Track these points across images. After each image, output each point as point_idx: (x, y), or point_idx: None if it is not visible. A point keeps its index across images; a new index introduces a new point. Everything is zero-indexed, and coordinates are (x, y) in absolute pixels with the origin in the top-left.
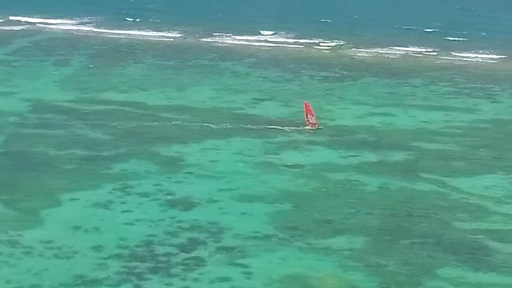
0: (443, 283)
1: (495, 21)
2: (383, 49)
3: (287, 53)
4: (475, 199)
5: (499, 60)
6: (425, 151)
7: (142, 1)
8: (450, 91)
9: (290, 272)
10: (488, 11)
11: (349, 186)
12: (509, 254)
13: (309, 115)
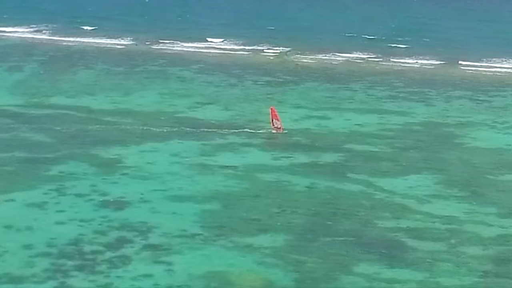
0: (357, 279)
1: (438, 28)
2: (326, 55)
3: (234, 59)
4: (398, 199)
5: (437, 66)
6: (356, 153)
7: (98, 10)
8: (387, 95)
9: (211, 269)
10: (432, 18)
11: (278, 187)
12: (424, 251)
13: (274, 119)
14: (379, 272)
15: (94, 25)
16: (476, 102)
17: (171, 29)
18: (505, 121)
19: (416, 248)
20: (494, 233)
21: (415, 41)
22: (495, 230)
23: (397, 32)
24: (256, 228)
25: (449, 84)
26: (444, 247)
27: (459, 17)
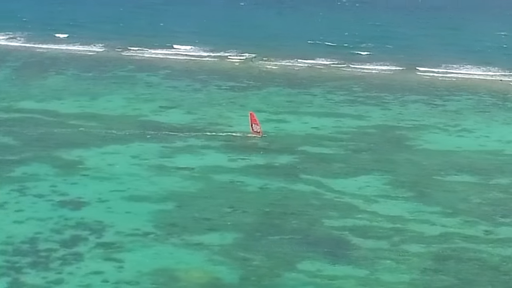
0: (300, 276)
1: (400, 36)
2: (290, 62)
3: (200, 65)
4: (347, 199)
5: (396, 71)
6: (310, 155)
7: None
8: (345, 100)
9: (160, 266)
10: (396, 26)
11: (232, 187)
12: (367, 249)
13: (253, 124)
14: (322, 269)
15: (67, 32)
16: (431, 106)
17: (142, 36)
18: (457, 124)
19: (360, 246)
20: (437, 231)
21: (377, 48)
22: (438, 229)
23: (361, 39)
24: (206, 227)
25: (406, 89)
26: (387, 245)
27: (421, 25)
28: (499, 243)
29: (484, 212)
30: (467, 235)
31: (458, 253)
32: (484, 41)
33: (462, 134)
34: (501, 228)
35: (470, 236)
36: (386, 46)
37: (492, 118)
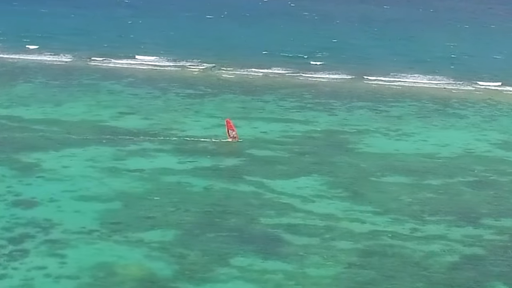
0: (231, 270)
1: (354, 47)
2: (247, 71)
3: (162, 75)
4: (285, 198)
5: (346, 80)
6: (255, 157)
7: (44, 31)
8: (296, 106)
9: (100, 262)
10: (351, 38)
11: (178, 188)
12: (298, 246)
13: (230, 130)
14: (253, 264)
15: (38, 44)
16: (375, 112)
17: (110, 47)
18: (398, 128)
19: (292, 243)
20: (366, 229)
21: (330, 58)
22: (367, 226)
23: (316, 50)
24: (149, 225)
25: (353, 96)
26: (317, 242)
27: (375, 37)
28: (424, 240)
29: (413, 211)
30: (394, 232)
31: (383, 249)
32: (433, 51)
33: (401, 138)
34: (427, 226)
35: (396, 233)
36: (340, 56)
37: (432, 123)
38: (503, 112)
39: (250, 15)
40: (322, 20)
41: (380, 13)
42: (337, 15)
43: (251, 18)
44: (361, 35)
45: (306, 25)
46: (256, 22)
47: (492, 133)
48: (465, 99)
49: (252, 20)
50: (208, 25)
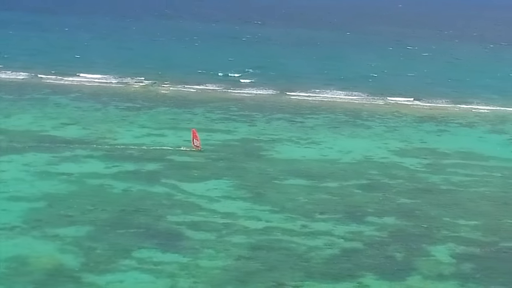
0: (132, 262)
1: (282, 66)
2: (184, 87)
3: (107, 90)
4: (194, 199)
5: (271, 95)
6: (175, 163)
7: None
8: (221, 117)
9: (16, 254)
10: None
11: (100, 189)
12: (196, 240)
13: (195, 139)
14: (152, 257)
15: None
16: (291, 123)
17: (64, 66)
18: (308, 137)
19: (191, 238)
20: (260, 225)
21: (261, 76)
22: (262, 223)
23: (250, 69)
24: (67, 222)
25: (274, 109)
26: (214, 237)
27: (303, 57)
28: (310, 235)
29: (306, 210)
30: (285, 228)
31: (272, 244)
32: (355, 70)
33: (310, 146)
34: (316, 223)
35: (287, 229)
36: (269, 74)
37: (340, 132)
38: (407, 123)
39: (197, 37)
40: (259, 42)
41: (313, 36)
42: (274, 38)
43: (197, 41)
44: (292, 55)
45: (244, 47)
46: (200, 44)
47: (393, 142)
48: (375, 112)
49: (197, 42)
50: (156, 47)
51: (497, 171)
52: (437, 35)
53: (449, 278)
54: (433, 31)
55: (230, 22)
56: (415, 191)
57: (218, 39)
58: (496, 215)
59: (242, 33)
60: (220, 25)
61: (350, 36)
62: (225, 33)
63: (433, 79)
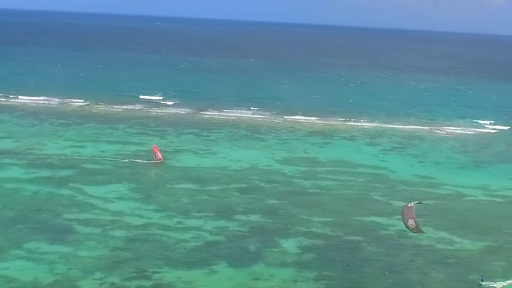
0: (20, 252)
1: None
2: (113, 106)
3: (48, 109)
4: (92, 199)
5: (187, 113)
6: (86, 169)
7: None
8: (138, 132)
9: None
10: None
11: (15, 191)
12: (82, 234)
13: (157, 153)
14: (39, 248)
15: None
16: (197, 136)
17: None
18: (208, 149)
19: (78, 232)
20: (141, 222)
21: (184, 97)
22: (143, 220)
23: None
24: None
25: (186, 125)
26: (98, 231)
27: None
28: (182, 230)
29: (185, 209)
30: (162, 224)
31: (146, 237)
32: (268, 92)
33: (207, 156)
34: (190, 220)
35: (164, 225)
36: (191, 96)
37: (237, 144)
38: (297, 137)
39: (140, 65)
40: (192, 69)
41: (242, 65)
42: (207, 66)
43: (139, 68)
44: (216, 80)
45: (177, 73)
46: (139, 71)
47: (280, 152)
48: (273, 127)
49: (139, 69)
50: (101, 73)
51: (362, 177)
52: (349, 64)
53: (290, 265)
54: (347, 60)
55: (174, 53)
56: (285, 193)
57: (157, 67)
58: (347, 213)
59: (180, 61)
60: (164, 55)
61: (274, 64)
62: (165, 62)
63: (334, 101)
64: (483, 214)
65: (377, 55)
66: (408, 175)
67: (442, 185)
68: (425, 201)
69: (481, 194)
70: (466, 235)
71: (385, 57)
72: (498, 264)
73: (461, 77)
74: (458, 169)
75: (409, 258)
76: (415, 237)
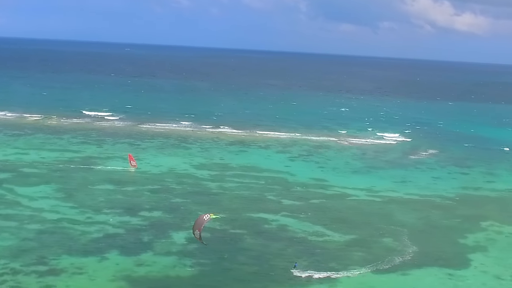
0: None
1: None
2: (63, 119)
3: (7, 122)
4: (19, 198)
5: (128, 125)
6: (22, 173)
7: None
8: (80, 141)
9: None
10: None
11: None
12: (1, 227)
13: (131, 161)
14: None
15: None
16: (131, 145)
17: None
18: (136, 155)
19: None
20: (56, 217)
21: (128, 113)
22: (59, 215)
23: (121, 108)
24: None
25: (124, 135)
26: (16, 225)
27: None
28: (89, 224)
29: (99, 206)
30: (74, 219)
31: (56, 230)
32: (207, 108)
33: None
34: (99, 215)
35: (75, 220)
36: (135, 112)
37: (163, 152)
38: (219, 146)
39: (99, 86)
40: (147, 89)
41: (191, 85)
42: (158, 86)
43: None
44: (162, 98)
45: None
46: (96, 90)
47: (198, 159)
48: (199, 138)
49: (95, 89)
50: (64, 92)
51: (263, 180)
52: (287, 85)
53: (173, 254)
54: (287, 82)
55: (133, 75)
56: (191, 193)
57: (113, 87)
58: (239, 210)
59: (137, 82)
60: (123, 77)
61: (220, 85)
62: (122, 83)
63: (262, 115)
64: (359, 212)
65: (315, 78)
66: (305, 178)
67: (332, 186)
68: (312, 200)
69: (364, 194)
70: (338, 229)
71: (322, 79)
72: (357, 254)
73: (382, 96)
74: (350, 173)
75: (280, 248)
76: (292, 231)
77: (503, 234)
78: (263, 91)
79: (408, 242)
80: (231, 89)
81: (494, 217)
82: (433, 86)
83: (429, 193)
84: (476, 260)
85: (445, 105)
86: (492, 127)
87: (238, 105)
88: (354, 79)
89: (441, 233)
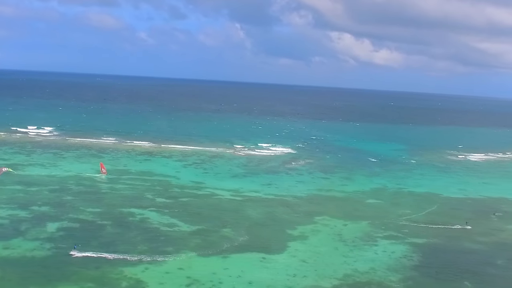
0: None
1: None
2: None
3: None
4: None
5: (62, 139)
6: None
7: None
8: (15, 152)
9: None
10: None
11: None
12: None
13: (102, 169)
14: None
15: None
16: (55, 155)
17: None
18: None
19: None
20: None
21: (70, 130)
22: None
23: (62, 126)
24: None
25: (56, 147)
26: None
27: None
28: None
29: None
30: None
31: None
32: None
33: (49, 168)
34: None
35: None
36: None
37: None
38: (129, 155)
39: (54, 108)
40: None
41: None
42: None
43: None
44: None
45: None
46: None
47: (106, 166)
48: (117, 149)
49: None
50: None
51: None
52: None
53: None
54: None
55: (91, 100)
56: (83, 192)
57: (67, 109)
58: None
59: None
60: (81, 102)
61: (164, 108)
62: (78, 106)
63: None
64: (215, 208)
65: (248, 103)
66: (187, 181)
67: (206, 188)
68: (182, 199)
69: (229, 194)
70: (189, 222)
71: (254, 104)
72: (194, 241)
73: (295, 117)
74: (228, 178)
75: (132, 236)
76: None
77: (328, 227)
78: (196, 113)
79: (243, 232)
80: (168, 111)
81: (328, 213)
82: (344, 110)
83: (285, 193)
84: (292, 247)
85: (345, 125)
86: (371, 142)
87: (165, 123)
88: (281, 104)
89: (277, 226)
